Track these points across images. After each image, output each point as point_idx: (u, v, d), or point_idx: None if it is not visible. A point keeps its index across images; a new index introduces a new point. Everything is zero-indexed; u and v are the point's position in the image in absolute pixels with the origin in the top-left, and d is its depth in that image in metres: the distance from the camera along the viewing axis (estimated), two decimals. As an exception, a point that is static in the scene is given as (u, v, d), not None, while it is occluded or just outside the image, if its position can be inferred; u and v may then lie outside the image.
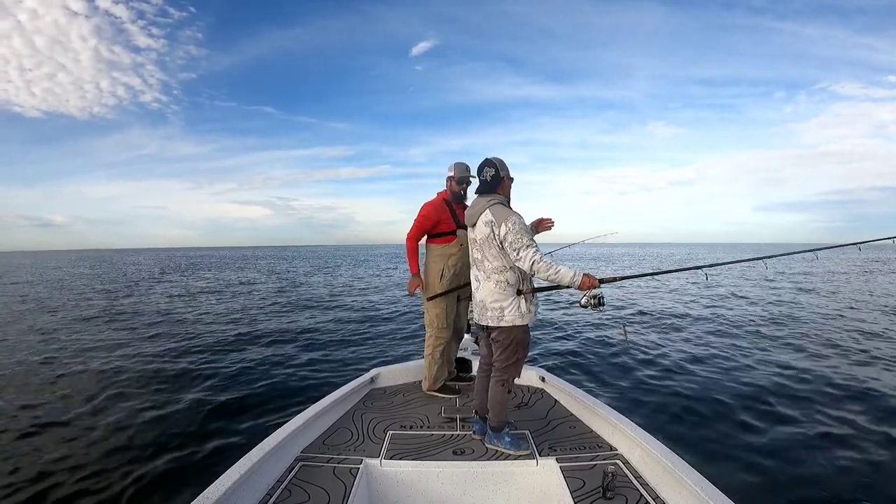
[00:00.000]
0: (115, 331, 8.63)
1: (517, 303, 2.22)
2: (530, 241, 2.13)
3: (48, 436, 3.77)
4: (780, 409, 4.21)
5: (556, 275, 2.09)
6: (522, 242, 2.11)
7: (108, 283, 20.42)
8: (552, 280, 2.13)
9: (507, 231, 2.12)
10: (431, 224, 2.97)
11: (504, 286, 2.22)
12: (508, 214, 2.17)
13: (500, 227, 2.15)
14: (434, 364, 3.07)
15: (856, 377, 5.14)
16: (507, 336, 2.24)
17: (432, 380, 3.09)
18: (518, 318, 2.22)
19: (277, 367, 5.88)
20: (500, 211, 2.19)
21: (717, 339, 7.28)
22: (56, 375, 5.57)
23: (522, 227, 2.15)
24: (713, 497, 1.65)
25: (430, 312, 3.04)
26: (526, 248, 2.10)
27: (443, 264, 2.97)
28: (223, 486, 1.68)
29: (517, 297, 2.22)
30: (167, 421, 4.10)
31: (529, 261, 2.08)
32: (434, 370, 3.08)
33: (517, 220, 2.16)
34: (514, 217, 2.16)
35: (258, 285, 18.36)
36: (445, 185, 3.05)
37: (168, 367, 5.89)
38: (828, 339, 7.18)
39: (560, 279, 2.10)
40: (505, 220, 2.14)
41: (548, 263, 2.08)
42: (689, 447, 3.36)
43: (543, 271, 2.08)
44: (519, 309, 2.22)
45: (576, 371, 5.53)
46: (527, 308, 2.24)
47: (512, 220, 2.14)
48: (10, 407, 4.43)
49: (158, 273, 26.05)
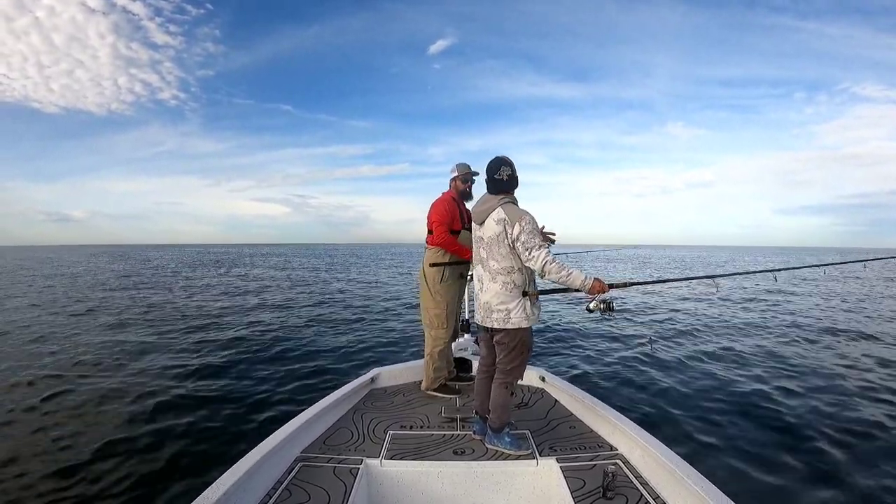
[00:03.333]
0: (112, 326, 8.64)
1: (523, 304, 2.20)
2: (542, 241, 2.13)
3: (39, 433, 3.78)
4: (781, 409, 4.21)
5: (568, 277, 2.08)
6: (535, 242, 2.10)
7: (135, 277, 20.45)
8: (562, 282, 2.12)
9: (520, 230, 2.10)
10: (451, 220, 2.97)
11: (511, 288, 2.20)
12: (522, 214, 2.15)
13: (513, 227, 2.12)
14: (433, 364, 3.08)
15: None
16: (512, 338, 2.23)
17: (431, 380, 3.10)
18: (524, 320, 2.20)
19: (277, 366, 5.88)
20: (513, 210, 2.17)
21: (726, 342, 7.28)
22: (51, 368, 5.58)
23: (535, 228, 2.15)
24: (714, 497, 1.65)
25: (430, 313, 3.05)
26: (539, 248, 2.09)
27: (444, 265, 2.99)
28: (223, 486, 1.68)
29: (523, 299, 2.20)
30: (166, 421, 4.09)
31: (542, 261, 2.07)
32: (432, 370, 3.08)
33: (531, 219, 2.14)
34: (528, 217, 2.14)
35: (267, 282, 18.36)
36: (450, 186, 3.08)
37: (167, 368, 5.88)
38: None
39: (571, 281, 2.10)
40: (519, 219, 2.12)
41: (559, 265, 2.08)
42: (689, 447, 3.37)
43: (555, 273, 2.07)
44: (525, 311, 2.20)
45: (576, 371, 5.53)
46: (532, 310, 2.23)
47: (526, 219, 2.12)
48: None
49: (172, 271, 26.05)
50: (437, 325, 3.04)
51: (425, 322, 3.11)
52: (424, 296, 3.08)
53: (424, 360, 3.13)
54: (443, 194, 3.09)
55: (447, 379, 3.18)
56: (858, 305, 11.69)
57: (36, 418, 4.18)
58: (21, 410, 4.38)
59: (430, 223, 3.04)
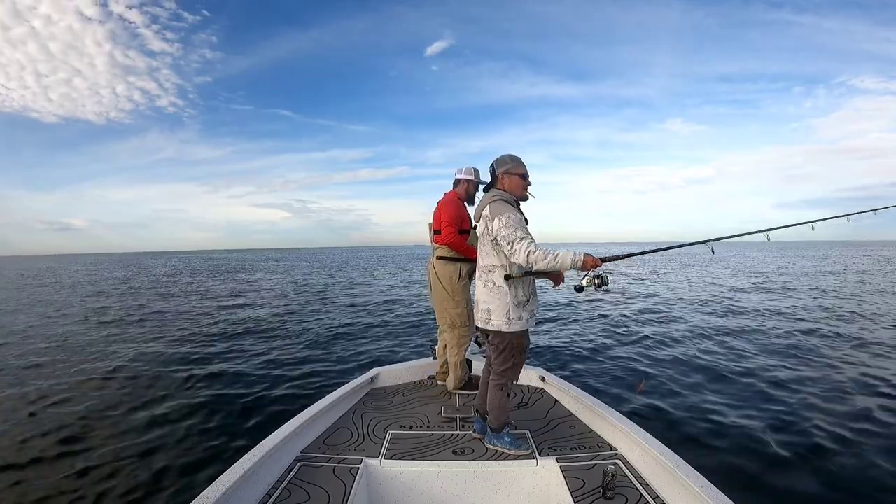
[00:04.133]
0: (112, 328, 8.65)
1: (505, 308, 2.13)
2: (525, 233, 2.05)
3: (46, 436, 3.79)
4: (780, 408, 4.21)
5: (556, 260, 1.97)
6: (516, 235, 2.02)
7: (136, 284, 20.47)
8: (553, 267, 2.01)
9: (500, 226, 2.06)
10: (460, 220, 2.98)
11: (491, 287, 2.16)
12: (504, 210, 2.10)
13: (493, 222, 2.10)
14: (461, 363, 3.12)
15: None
16: (500, 340, 2.20)
17: (458, 378, 3.14)
18: (504, 325, 2.14)
19: (277, 366, 5.89)
20: (497, 206, 2.14)
21: (719, 335, 7.28)
22: (55, 374, 5.58)
23: (517, 221, 2.06)
24: (713, 497, 1.65)
25: (451, 313, 3.05)
26: (520, 240, 2.01)
27: (460, 264, 3.02)
28: (223, 486, 1.68)
29: (507, 302, 2.13)
30: (166, 420, 4.10)
31: (525, 252, 1.98)
32: (460, 368, 3.13)
33: (511, 214, 2.07)
34: (509, 212, 2.09)
35: (267, 285, 18.38)
36: (456, 187, 3.09)
37: (166, 367, 5.89)
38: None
39: (561, 263, 1.99)
40: (499, 214, 2.08)
41: (545, 251, 1.98)
42: (688, 446, 3.36)
43: (542, 260, 1.97)
44: (507, 315, 2.13)
45: (576, 371, 5.53)
46: (517, 315, 2.14)
47: (506, 214, 2.07)
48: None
49: (172, 278, 26.08)
50: (460, 324, 3.05)
51: (447, 323, 3.09)
52: (441, 298, 3.06)
53: (452, 360, 3.12)
54: (447, 195, 3.09)
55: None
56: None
57: (36, 418, 4.19)
58: (20, 410, 4.39)
59: (438, 223, 3.03)
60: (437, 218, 3.04)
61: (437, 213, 3.05)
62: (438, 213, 3.03)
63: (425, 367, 3.54)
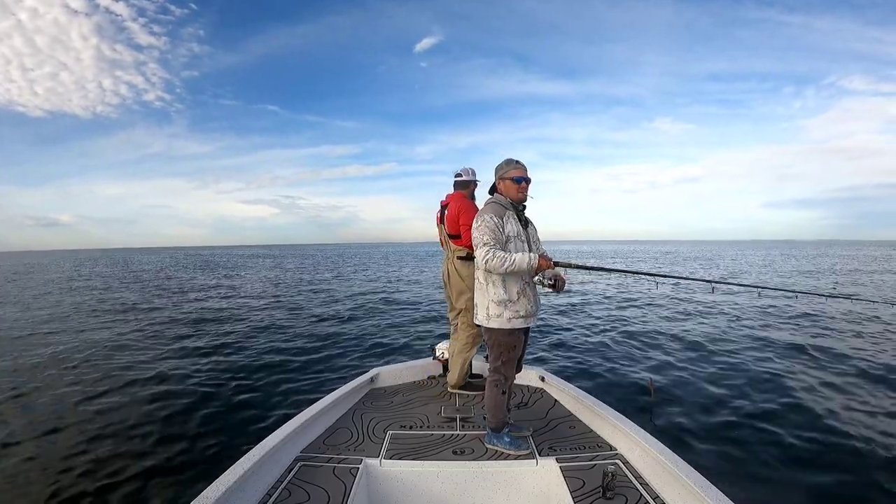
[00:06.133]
0: (112, 329, 8.64)
1: (485, 304, 2.21)
2: (488, 240, 2.08)
3: (43, 434, 3.78)
4: (780, 407, 4.21)
5: (513, 265, 2.04)
6: (480, 240, 2.10)
7: (117, 280, 20.47)
8: (511, 271, 2.07)
9: (474, 227, 2.18)
10: None
11: (478, 283, 2.29)
12: (480, 214, 2.19)
13: (473, 223, 2.22)
14: (467, 362, 3.13)
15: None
16: (489, 336, 2.28)
17: (460, 377, 3.13)
18: (485, 320, 2.23)
19: (277, 366, 5.88)
20: (481, 210, 2.26)
21: (725, 343, 7.28)
22: (56, 370, 5.58)
23: (486, 227, 2.11)
24: (713, 497, 1.65)
25: (472, 312, 3.05)
26: (480, 246, 2.09)
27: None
28: (223, 485, 1.68)
29: (487, 300, 2.20)
30: (166, 420, 4.10)
31: (482, 259, 2.07)
32: (466, 368, 3.14)
33: (485, 219, 2.13)
34: (484, 217, 2.14)
35: (259, 283, 18.37)
36: (467, 188, 3.08)
37: (166, 368, 5.89)
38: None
39: (518, 267, 2.05)
40: (476, 218, 2.20)
41: (501, 258, 2.04)
42: (688, 445, 3.36)
43: (498, 266, 2.05)
44: (486, 311, 2.21)
45: (576, 371, 5.53)
46: (497, 312, 2.17)
47: (481, 218, 2.16)
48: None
49: (163, 275, 26.05)
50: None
51: (465, 322, 3.06)
52: (461, 291, 3.02)
53: (459, 359, 3.10)
54: (454, 197, 3.04)
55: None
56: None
57: (36, 418, 4.19)
58: (21, 411, 4.39)
59: (455, 226, 2.96)
60: (453, 220, 2.97)
61: (453, 215, 2.97)
62: (455, 215, 2.96)
63: (425, 367, 3.54)
